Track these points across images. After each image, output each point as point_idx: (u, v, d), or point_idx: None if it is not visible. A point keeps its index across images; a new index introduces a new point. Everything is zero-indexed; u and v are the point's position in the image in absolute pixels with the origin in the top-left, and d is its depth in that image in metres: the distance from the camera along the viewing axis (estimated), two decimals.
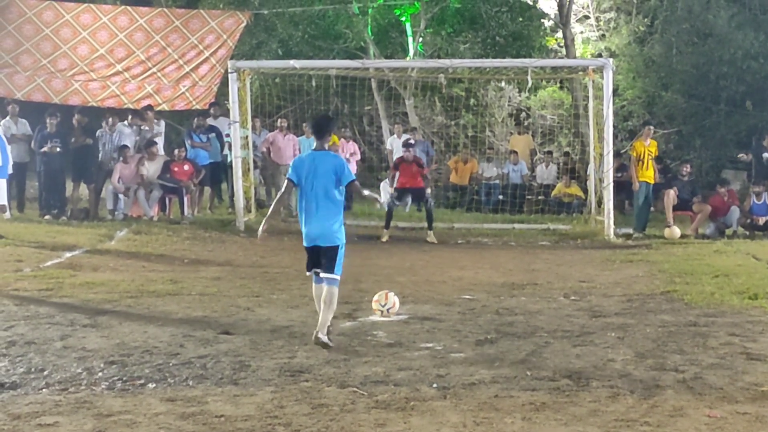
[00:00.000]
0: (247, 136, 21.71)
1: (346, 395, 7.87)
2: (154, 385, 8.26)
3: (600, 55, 31.64)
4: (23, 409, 7.47)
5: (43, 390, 8.10)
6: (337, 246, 9.76)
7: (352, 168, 23.53)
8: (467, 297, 12.87)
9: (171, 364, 8.94)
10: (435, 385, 8.18)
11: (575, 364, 8.97)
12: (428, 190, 21.34)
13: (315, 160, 9.76)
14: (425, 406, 7.52)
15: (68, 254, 16.24)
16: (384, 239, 19.74)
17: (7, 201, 19.03)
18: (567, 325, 10.94)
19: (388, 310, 11.41)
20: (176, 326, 10.71)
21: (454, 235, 21.07)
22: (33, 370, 8.72)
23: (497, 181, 25.71)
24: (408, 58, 28.83)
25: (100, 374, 8.59)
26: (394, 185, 20.41)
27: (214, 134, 22.62)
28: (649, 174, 20.99)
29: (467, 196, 25.49)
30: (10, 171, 18.49)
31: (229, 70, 21.17)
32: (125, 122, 21.83)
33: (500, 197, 25.18)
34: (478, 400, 7.70)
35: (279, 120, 23.48)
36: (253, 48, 28.83)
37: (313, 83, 23.19)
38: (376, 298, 11.59)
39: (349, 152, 23.76)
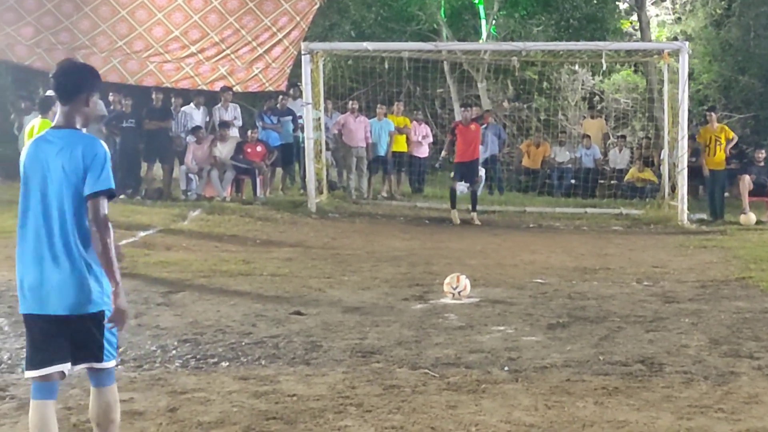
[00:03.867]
0: (319, 118, 21.76)
1: (418, 377, 7.88)
2: (227, 363, 8.34)
3: (675, 39, 31.23)
4: None
5: (119, 367, 8.17)
6: (102, 312, 5.36)
7: (424, 152, 23.60)
8: (539, 281, 12.80)
9: (243, 344, 9.02)
10: (506, 368, 8.16)
11: (648, 350, 8.88)
12: (480, 170, 21.13)
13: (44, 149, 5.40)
14: (497, 389, 7.51)
15: (142, 233, 16.43)
16: (456, 221, 19.65)
17: None
18: (640, 310, 10.83)
19: (459, 292, 11.38)
20: (248, 306, 10.79)
21: (526, 219, 20.95)
22: None
23: (570, 165, 25.52)
24: (481, 41, 28.71)
25: (174, 352, 8.70)
26: (453, 159, 20.15)
27: (290, 117, 22.68)
28: (715, 160, 20.77)
29: (539, 180, 25.32)
30: None
31: (303, 52, 21.20)
32: (192, 104, 21.98)
33: (572, 181, 25.00)
34: (549, 384, 7.67)
35: (350, 102, 23.50)
36: (326, 30, 28.89)
37: (386, 65, 23.18)
38: (447, 280, 11.57)
39: (421, 135, 23.74)
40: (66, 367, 5.45)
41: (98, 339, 5.45)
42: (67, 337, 5.39)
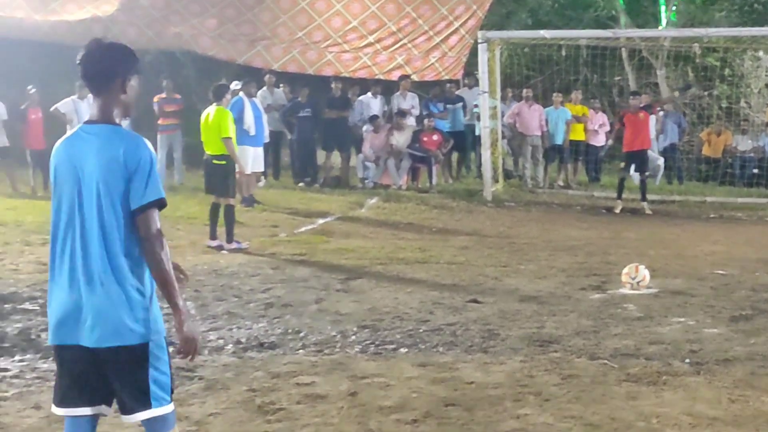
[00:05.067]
0: (495, 107, 21.70)
1: (597, 367, 7.82)
2: (406, 350, 8.43)
3: None
4: (282, 368, 7.79)
5: (300, 351, 8.41)
6: (145, 345, 4.56)
7: (601, 140, 23.27)
8: (720, 272, 12.50)
9: (421, 330, 9.10)
10: (688, 361, 8.02)
11: None
12: (659, 159, 20.59)
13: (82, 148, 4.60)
14: (678, 382, 7.39)
15: (321, 221, 16.73)
16: (617, 210, 19.34)
17: (264, 168, 19.76)
18: None
19: (638, 283, 11.22)
20: (425, 293, 10.88)
21: (706, 209, 20.46)
22: (290, 331, 9.06)
23: (752, 155, 24.76)
24: (660, 27, 28.14)
25: (353, 337, 8.84)
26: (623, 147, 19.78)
27: (460, 104, 22.70)
28: None
29: (720, 170, 24.68)
30: (266, 140, 19.14)
31: (479, 41, 21.17)
32: (369, 93, 22.20)
33: (755, 171, 24.24)
34: (733, 377, 7.51)
35: (524, 90, 23.36)
36: (503, 18, 28.79)
37: (563, 53, 22.96)
38: (626, 270, 11.41)
39: (598, 123, 23.43)
40: (99, 409, 4.61)
41: (141, 379, 4.51)
42: (103, 375, 4.51)
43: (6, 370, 7.68)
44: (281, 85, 22.43)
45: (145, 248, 4.47)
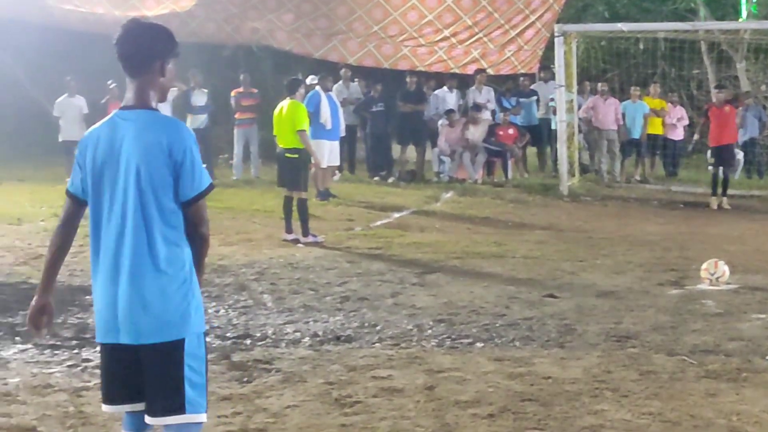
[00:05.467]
0: (571, 100, 21.56)
1: (675, 363, 7.74)
2: (482, 344, 8.42)
3: None
4: (358, 361, 7.83)
5: (376, 344, 8.44)
6: (182, 341, 4.35)
7: (679, 134, 22.98)
8: None
9: (497, 325, 9.09)
10: None
11: None
12: (739, 153, 20.22)
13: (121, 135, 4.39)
14: (758, 379, 7.30)
15: (396, 215, 16.76)
16: (713, 206, 19.06)
17: (340, 162, 19.84)
18: None
19: (717, 278, 11.08)
20: (501, 288, 10.85)
21: None
22: (366, 324, 9.09)
23: None
24: (741, 20, 27.72)
25: (429, 331, 8.85)
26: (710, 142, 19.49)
27: (533, 98, 22.58)
28: None
29: None
30: (342, 134, 19.21)
31: (556, 34, 21.03)
32: (445, 87, 22.18)
33: None
34: None
35: (599, 84, 23.15)
36: (579, 11, 28.58)
37: (641, 46, 22.77)
38: (704, 266, 11.27)
39: (676, 117, 23.16)
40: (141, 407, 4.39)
41: (175, 377, 4.27)
42: (140, 375, 4.33)
43: (88, 360, 7.81)
44: (356, 79, 22.51)
45: (196, 237, 4.41)
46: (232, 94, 21.44)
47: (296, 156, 13.81)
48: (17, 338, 8.36)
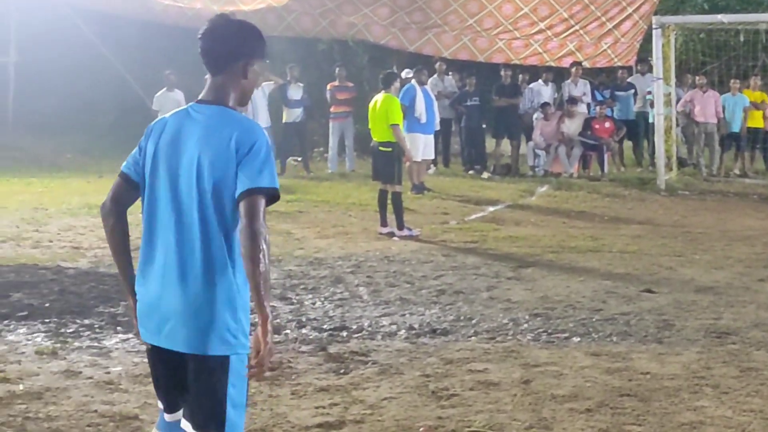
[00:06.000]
0: (669, 93, 21.28)
1: None
2: (579, 339, 8.38)
3: None
4: (454, 354, 7.84)
5: (472, 338, 8.44)
6: (227, 358, 4.08)
7: None
8: None
9: (594, 320, 9.03)
10: None
11: None
12: None
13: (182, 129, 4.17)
14: None
15: (491, 208, 16.72)
16: None
17: (434, 156, 19.87)
18: None
19: None
20: (598, 282, 10.78)
21: None
22: (462, 318, 9.10)
23: None
24: None
25: (525, 325, 8.83)
26: None
27: (631, 91, 22.31)
28: None
29: None
30: (436, 127, 19.22)
31: (653, 26, 20.75)
32: (540, 80, 22.06)
33: None
34: None
35: (698, 77, 22.80)
36: (677, 3, 28.17)
37: (741, 38, 22.35)
38: None
39: None
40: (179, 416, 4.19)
41: (218, 396, 4.02)
42: (183, 384, 4.10)
43: None
44: (450, 72, 22.50)
45: (242, 238, 3.86)
46: (328, 87, 21.56)
47: (390, 150, 13.84)
48: (119, 328, 8.51)
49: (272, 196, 3.98)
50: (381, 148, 13.91)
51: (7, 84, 24.41)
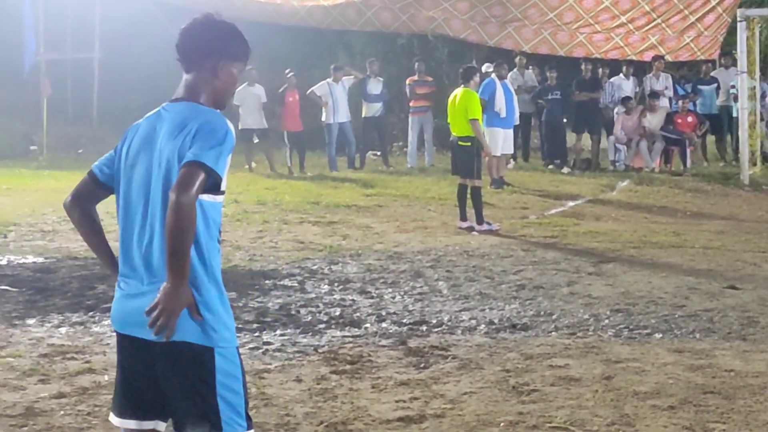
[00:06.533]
0: (754, 87, 20.94)
1: None
2: (661, 335, 8.30)
3: None
4: (535, 350, 7.81)
5: (552, 333, 8.40)
6: (209, 350, 3.90)
7: None
8: None
9: (677, 316, 8.93)
10: None
11: None
12: None
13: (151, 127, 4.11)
14: None
15: (571, 203, 16.63)
16: None
17: (514, 150, 19.81)
18: None
19: None
20: (680, 278, 10.65)
21: None
22: (542, 313, 9.06)
23: None
24: None
25: (606, 321, 8.76)
26: None
27: (714, 85, 22.00)
28: None
29: None
30: (516, 122, 19.14)
31: (738, 19, 20.43)
32: (621, 74, 21.85)
33: None
34: None
35: None
36: None
37: None
38: None
39: None
40: (152, 425, 4.01)
41: (205, 393, 3.83)
42: (159, 381, 3.92)
43: (269, 343, 8.00)
44: (531, 66, 22.38)
45: (168, 212, 3.69)
46: (407, 82, 21.59)
47: (469, 144, 13.81)
48: None
49: (211, 174, 3.76)
50: (460, 143, 13.89)
51: (92, 79, 24.81)
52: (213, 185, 3.82)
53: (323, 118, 20.89)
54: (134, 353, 3.96)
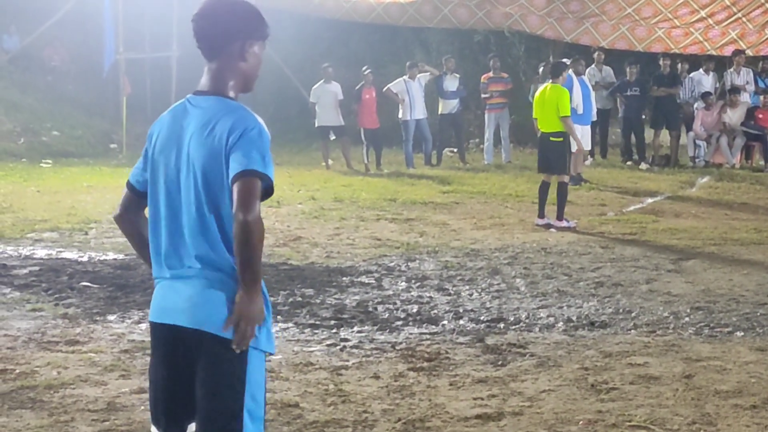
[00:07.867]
0: None
1: None
2: (743, 333, 8.18)
3: None
4: (613, 348, 7.75)
5: (632, 331, 8.32)
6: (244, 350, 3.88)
7: None
8: None
9: (759, 314, 8.80)
10: None
11: None
12: None
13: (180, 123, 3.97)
14: None
15: (650, 200, 16.45)
16: None
17: (591, 147, 19.66)
18: None
19: None
20: (762, 275, 10.51)
21: None
22: (621, 311, 8.98)
23: None
24: None
25: (686, 319, 8.66)
26: None
27: None
28: None
29: None
30: (593, 118, 18.99)
31: None
32: (701, 69, 21.57)
33: None
34: None
35: None
36: None
37: None
38: None
39: None
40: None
41: (233, 398, 3.78)
42: (191, 375, 3.85)
43: (346, 340, 8.02)
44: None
45: (235, 231, 3.63)
46: (483, 79, 21.54)
47: (560, 140, 13.72)
48: (279, 317, 8.65)
49: (264, 179, 3.72)
50: (552, 139, 13.77)
51: (170, 78, 25.07)
52: (264, 190, 3.76)
53: (400, 115, 20.92)
54: (168, 346, 3.89)
